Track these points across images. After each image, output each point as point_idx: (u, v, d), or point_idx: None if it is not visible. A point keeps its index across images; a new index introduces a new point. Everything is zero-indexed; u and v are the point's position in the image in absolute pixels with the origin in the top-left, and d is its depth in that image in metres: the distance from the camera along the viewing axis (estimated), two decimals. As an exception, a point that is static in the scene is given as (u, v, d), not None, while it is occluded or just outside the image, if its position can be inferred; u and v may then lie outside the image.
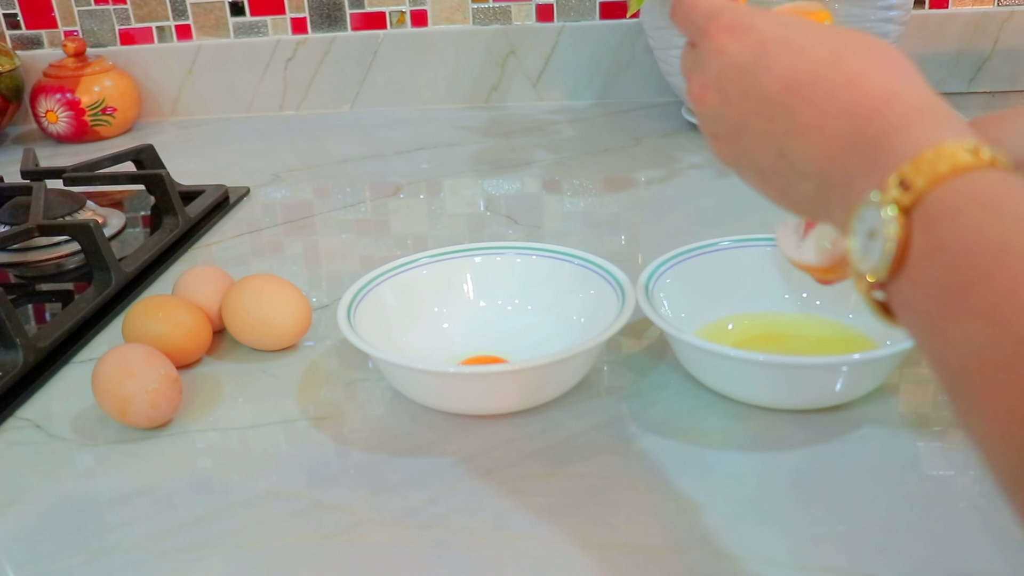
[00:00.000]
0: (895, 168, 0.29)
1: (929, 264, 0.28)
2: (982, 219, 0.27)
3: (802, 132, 0.34)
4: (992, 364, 0.25)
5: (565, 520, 0.44)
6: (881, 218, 0.29)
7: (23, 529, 0.46)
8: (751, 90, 0.36)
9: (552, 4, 1.13)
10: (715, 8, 0.39)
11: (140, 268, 0.72)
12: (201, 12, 1.16)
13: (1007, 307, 0.25)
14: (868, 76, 0.34)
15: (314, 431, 0.53)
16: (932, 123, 0.31)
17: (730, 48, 0.37)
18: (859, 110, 0.33)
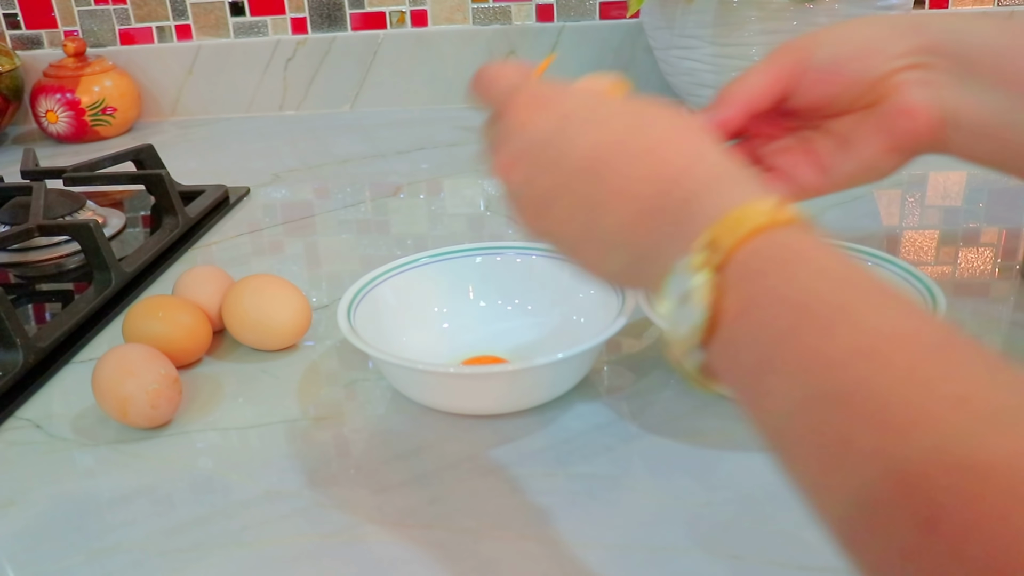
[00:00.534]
0: (702, 231, 0.30)
1: (741, 324, 0.28)
2: (787, 277, 0.28)
3: (609, 202, 0.34)
4: (805, 421, 0.26)
5: (565, 520, 0.44)
6: (692, 282, 0.29)
7: (23, 529, 0.46)
8: (557, 162, 0.36)
9: (552, 4, 1.13)
10: (516, 83, 0.39)
11: (140, 268, 0.72)
12: (201, 12, 1.16)
13: (813, 364, 0.26)
14: (670, 144, 0.34)
15: (314, 431, 0.53)
16: (734, 185, 0.32)
17: (533, 121, 0.37)
18: (663, 176, 0.33)
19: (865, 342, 0.25)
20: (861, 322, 0.26)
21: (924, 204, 0.82)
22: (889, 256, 0.56)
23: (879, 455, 0.23)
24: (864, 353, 0.25)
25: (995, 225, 0.75)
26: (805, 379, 0.26)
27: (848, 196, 0.81)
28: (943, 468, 0.22)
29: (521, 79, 0.40)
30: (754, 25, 0.86)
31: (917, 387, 0.24)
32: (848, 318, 0.26)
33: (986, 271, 0.68)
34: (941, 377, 0.24)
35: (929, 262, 0.70)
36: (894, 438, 0.23)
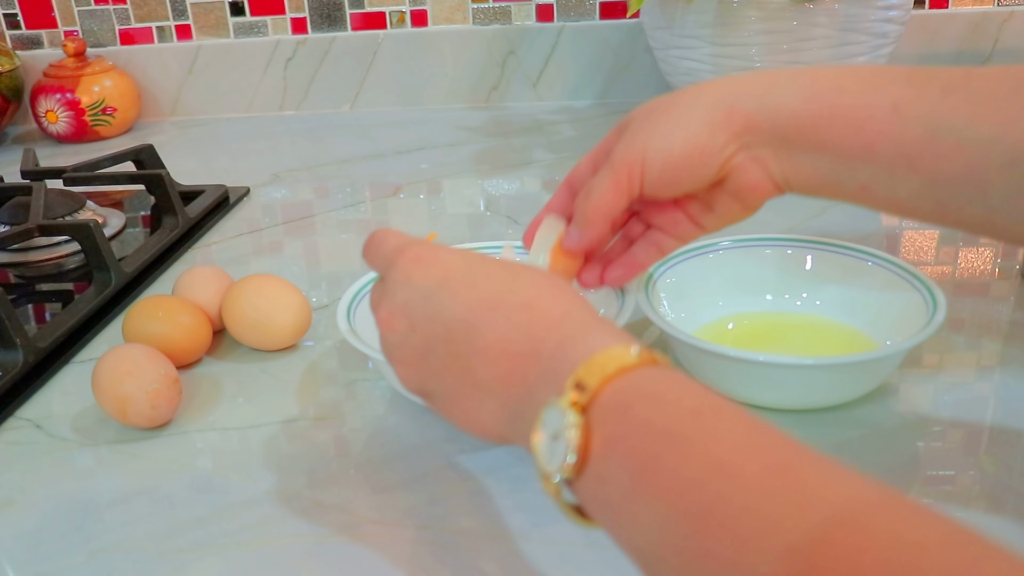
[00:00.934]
0: (571, 372, 0.32)
1: (608, 457, 0.30)
2: (649, 410, 0.30)
3: (485, 351, 0.36)
4: (671, 543, 0.27)
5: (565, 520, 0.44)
6: (563, 420, 0.31)
7: (23, 529, 0.46)
8: (436, 314, 0.38)
9: (552, 4, 1.13)
10: (402, 242, 0.42)
11: (140, 268, 0.72)
12: (201, 12, 1.16)
13: (675, 486, 0.28)
14: (542, 299, 0.37)
15: (314, 431, 0.53)
16: (599, 333, 0.34)
17: (416, 276, 0.40)
18: (536, 328, 0.36)
19: (718, 459, 0.27)
20: (715, 442, 0.28)
21: (924, 204, 0.81)
22: (889, 256, 0.56)
23: (737, 566, 0.25)
24: (717, 469, 0.27)
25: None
26: (670, 502, 0.28)
27: (848, 196, 0.81)
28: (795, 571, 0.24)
29: (408, 239, 0.42)
30: (754, 25, 0.86)
31: (764, 499, 0.26)
32: (703, 440, 0.28)
33: (986, 271, 0.68)
34: (782, 488, 0.26)
35: (929, 262, 0.70)
36: (748, 547, 0.25)
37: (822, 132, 0.43)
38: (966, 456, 0.48)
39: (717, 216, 0.50)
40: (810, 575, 0.23)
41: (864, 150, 0.42)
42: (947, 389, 0.53)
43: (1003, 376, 0.54)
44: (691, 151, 0.45)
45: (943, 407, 0.52)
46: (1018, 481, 0.46)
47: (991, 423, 0.50)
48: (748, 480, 0.27)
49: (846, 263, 0.58)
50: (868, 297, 0.56)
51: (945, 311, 0.50)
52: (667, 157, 0.46)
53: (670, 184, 0.47)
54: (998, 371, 0.55)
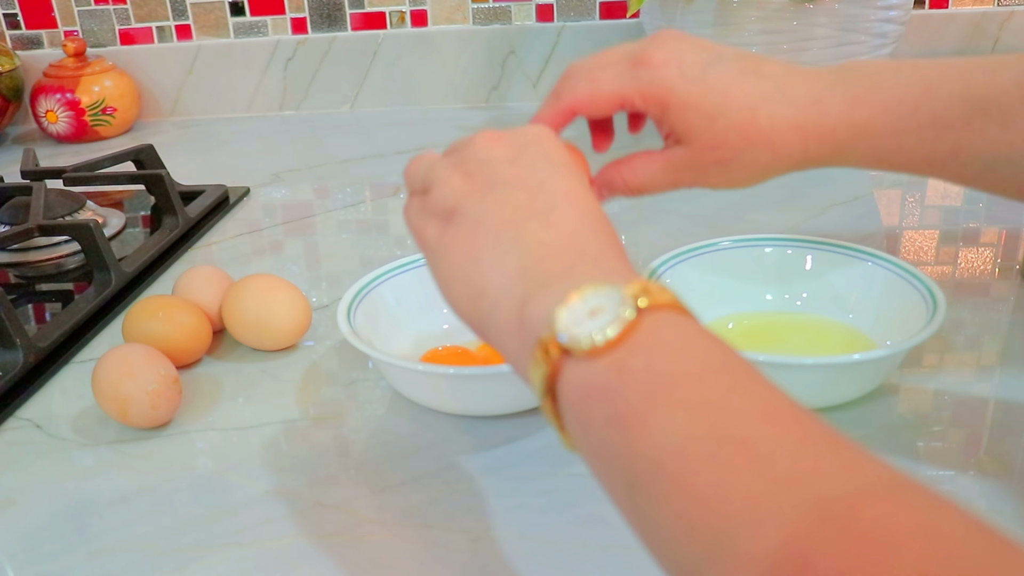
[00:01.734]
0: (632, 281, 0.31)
1: (647, 353, 0.29)
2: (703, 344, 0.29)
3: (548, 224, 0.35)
4: (690, 457, 0.26)
5: (565, 520, 0.44)
6: (617, 299, 0.30)
7: (23, 529, 0.46)
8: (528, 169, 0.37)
9: (552, 4, 1.13)
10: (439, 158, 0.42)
11: (140, 268, 0.72)
12: (201, 12, 1.16)
13: (716, 407, 0.26)
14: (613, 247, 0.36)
15: (314, 431, 0.53)
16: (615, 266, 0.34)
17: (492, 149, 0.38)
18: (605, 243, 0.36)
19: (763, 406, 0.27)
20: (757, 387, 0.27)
21: (924, 204, 0.82)
22: (889, 256, 0.56)
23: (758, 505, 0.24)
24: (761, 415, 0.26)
25: (995, 225, 0.75)
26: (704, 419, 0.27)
27: (848, 196, 0.81)
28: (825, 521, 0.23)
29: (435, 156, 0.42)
30: (754, 25, 0.86)
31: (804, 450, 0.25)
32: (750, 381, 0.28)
33: (986, 271, 0.68)
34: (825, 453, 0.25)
35: (929, 262, 0.70)
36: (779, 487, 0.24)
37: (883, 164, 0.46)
38: (966, 456, 0.48)
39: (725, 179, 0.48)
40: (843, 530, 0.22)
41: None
42: (947, 389, 0.53)
43: (1003, 376, 0.54)
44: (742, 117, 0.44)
45: (943, 407, 0.52)
46: (1018, 481, 0.46)
47: (991, 423, 0.50)
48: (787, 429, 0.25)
49: (846, 263, 0.58)
50: (868, 297, 0.56)
51: (945, 311, 0.50)
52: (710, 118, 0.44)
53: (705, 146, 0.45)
54: (998, 371, 0.55)
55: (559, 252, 0.34)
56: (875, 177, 0.86)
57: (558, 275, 0.33)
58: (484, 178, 0.37)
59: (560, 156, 0.38)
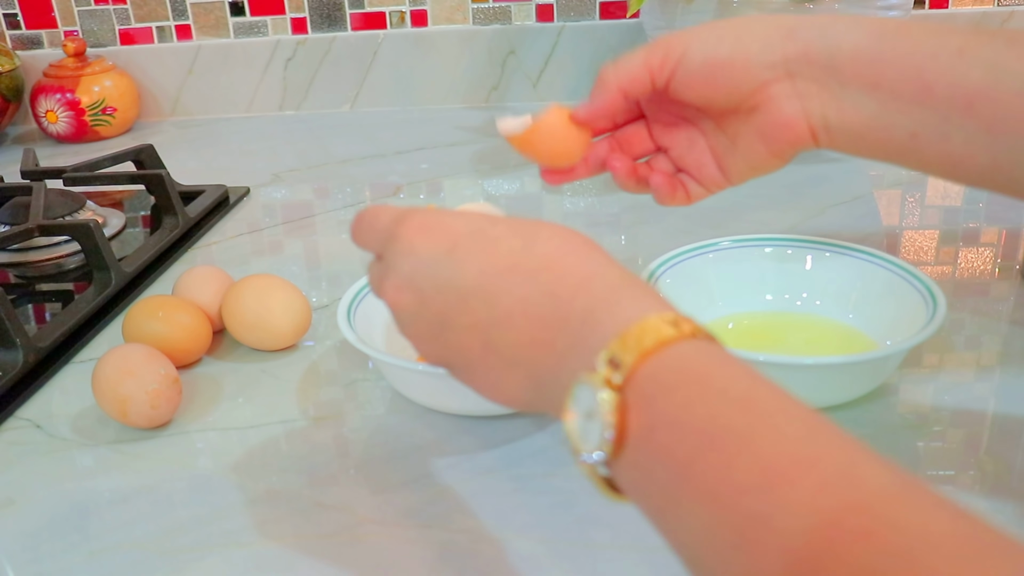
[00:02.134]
0: (604, 346, 0.30)
1: (647, 446, 0.28)
2: (692, 397, 0.28)
3: (507, 319, 0.34)
4: (719, 549, 0.25)
5: (565, 520, 0.44)
6: (597, 399, 0.29)
7: (23, 529, 0.46)
8: (448, 284, 0.36)
9: (552, 4, 1.13)
10: (399, 214, 0.39)
11: (140, 268, 0.72)
12: (201, 12, 1.16)
13: (723, 492, 0.25)
14: (564, 258, 0.34)
15: (314, 431, 0.53)
16: (633, 299, 0.32)
17: (421, 246, 0.37)
18: (561, 290, 0.33)
19: (767, 471, 0.25)
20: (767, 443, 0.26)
21: (924, 204, 0.82)
22: (889, 256, 0.56)
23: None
24: (770, 478, 0.25)
25: (995, 225, 0.75)
26: (717, 507, 0.26)
27: (848, 196, 0.81)
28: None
29: (405, 208, 0.39)
30: (754, 25, 0.85)
31: (820, 519, 0.23)
32: (754, 439, 0.26)
33: (986, 271, 0.68)
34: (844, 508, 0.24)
35: (929, 262, 0.70)
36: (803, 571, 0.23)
37: (881, 69, 0.42)
38: (966, 456, 0.48)
39: (741, 157, 0.48)
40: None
41: (921, 91, 0.41)
42: (947, 389, 0.53)
43: (1003, 376, 0.54)
44: (737, 57, 0.44)
45: (943, 407, 0.52)
46: (1018, 481, 0.46)
47: (991, 423, 0.50)
48: (797, 497, 0.24)
49: (846, 263, 0.58)
50: (868, 297, 0.56)
51: (945, 311, 0.50)
52: (711, 54, 0.44)
53: (701, 84, 0.45)
54: (998, 371, 0.55)
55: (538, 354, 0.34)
56: (875, 177, 0.86)
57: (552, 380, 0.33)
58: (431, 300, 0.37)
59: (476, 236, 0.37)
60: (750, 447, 0.26)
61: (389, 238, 0.39)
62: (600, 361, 0.30)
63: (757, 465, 0.25)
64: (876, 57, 0.42)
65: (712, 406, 0.27)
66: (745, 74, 0.44)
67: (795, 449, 0.25)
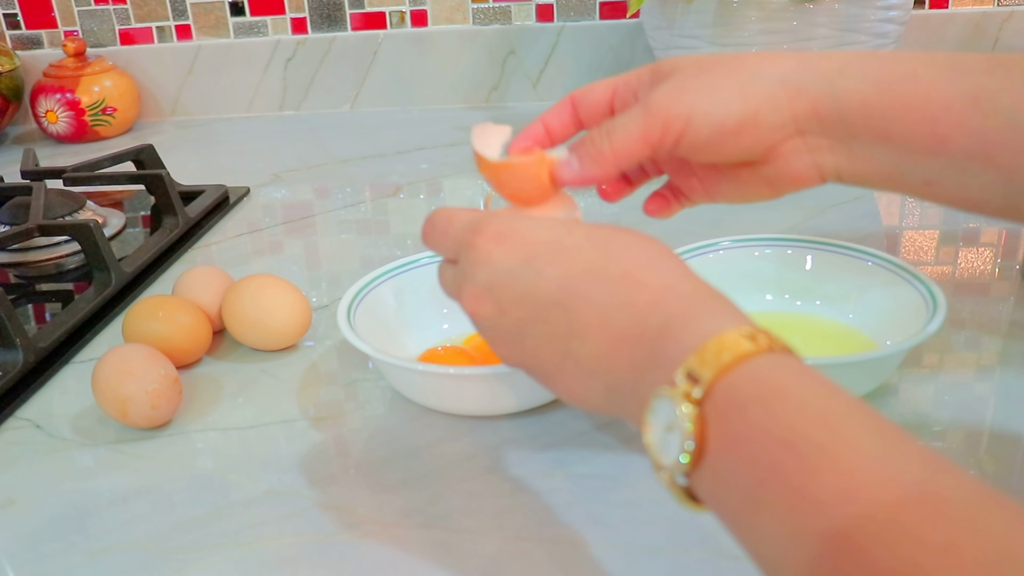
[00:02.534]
0: (682, 360, 0.30)
1: (726, 459, 0.28)
2: (770, 411, 0.28)
3: (585, 332, 0.35)
4: (800, 560, 0.26)
5: (565, 520, 0.44)
6: (675, 413, 0.30)
7: (23, 529, 0.46)
8: (527, 295, 0.36)
9: (552, 4, 1.13)
10: (474, 219, 0.39)
11: (140, 268, 0.72)
12: (201, 12, 1.16)
13: (802, 506, 0.26)
14: (642, 270, 0.34)
15: (314, 431, 0.53)
16: (710, 312, 0.32)
17: (499, 256, 0.37)
18: (638, 303, 0.33)
19: (847, 485, 0.25)
20: (846, 458, 0.26)
21: (924, 204, 0.82)
22: (889, 256, 0.56)
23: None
24: (848, 498, 0.25)
25: (995, 225, 0.75)
26: (794, 518, 0.26)
27: (848, 196, 0.81)
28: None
29: (480, 214, 0.39)
30: (754, 25, 0.86)
31: (902, 535, 0.24)
32: (832, 454, 0.26)
33: (986, 271, 0.68)
34: (926, 524, 0.24)
35: (929, 262, 0.70)
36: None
37: (893, 123, 0.41)
38: (966, 456, 0.48)
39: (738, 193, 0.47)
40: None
41: (936, 143, 0.40)
42: (947, 389, 0.53)
43: (1003, 376, 0.54)
44: (746, 124, 0.42)
45: (943, 407, 0.52)
46: (1018, 481, 0.46)
47: (991, 423, 0.50)
48: (880, 515, 0.24)
49: (846, 263, 0.58)
50: (868, 297, 0.56)
51: (945, 311, 0.50)
52: (720, 124, 0.42)
53: (710, 152, 0.43)
54: (998, 371, 0.55)
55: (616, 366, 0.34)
56: (875, 177, 0.86)
57: (630, 392, 0.33)
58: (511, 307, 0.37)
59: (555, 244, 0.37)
60: (830, 460, 0.26)
61: (464, 245, 0.39)
62: (679, 376, 0.30)
63: (838, 478, 0.25)
64: (886, 111, 0.41)
65: (792, 419, 0.28)
66: (754, 140, 0.43)
67: (874, 463, 0.26)
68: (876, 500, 0.25)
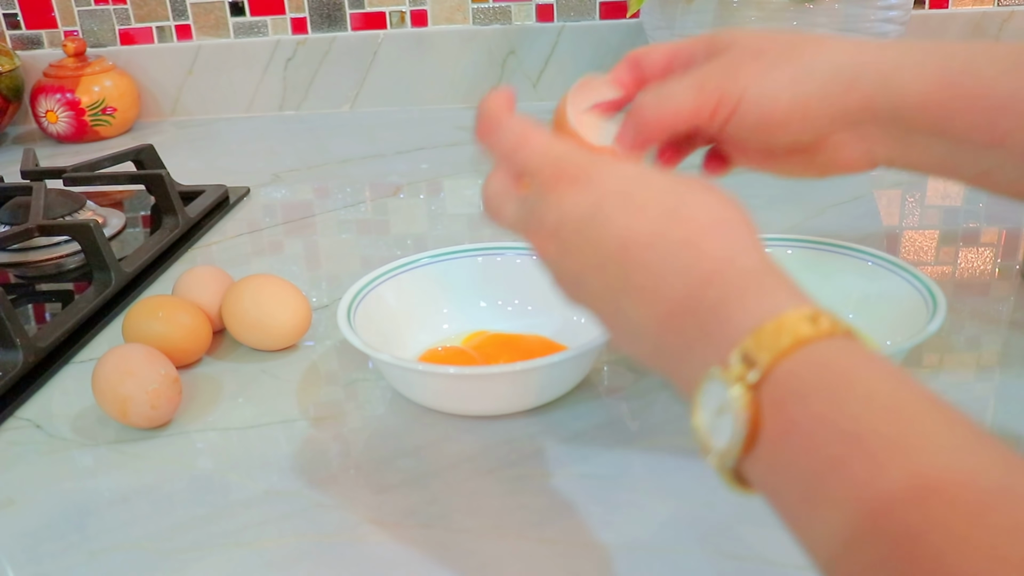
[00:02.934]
0: (737, 341, 0.29)
1: (782, 448, 0.27)
2: (833, 400, 0.26)
3: (637, 293, 0.33)
4: (864, 559, 0.24)
5: (565, 520, 0.44)
6: (728, 396, 0.28)
7: (23, 529, 0.46)
8: (588, 245, 0.35)
9: (552, 4, 1.13)
10: (549, 153, 0.38)
11: (140, 268, 0.72)
12: (201, 12, 1.16)
13: (867, 501, 0.24)
14: (705, 237, 0.33)
15: (314, 431, 0.53)
16: (769, 290, 0.31)
17: (568, 201, 0.36)
18: (694, 273, 0.32)
19: (920, 483, 0.24)
20: (915, 459, 0.24)
21: (924, 204, 0.82)
22: (889, 256, 0.56)
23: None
24: (919, 497, 0.23)
25: (995, 225, 0.75)
26: (857, 516, 0.24)
27: (848, 196, 0.81)
28: None
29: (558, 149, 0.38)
30: (754, 25, 0.86)
31: (980, 540, 0.22)
32: (900, 453, 0.25)
33: (986, 271, 0.68)
34: (1004, 529, 0.22)
35: (929, 262, 0.70)
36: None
37: (951, 118, 0.40)
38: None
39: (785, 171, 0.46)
40: None
41: (994, 140, 0.39)
42: (947, 389, 0.53)
43: (1003, 376, 0.54)
44: (795, 115, 0.41)
45: (943, 407, 0.52)
46: (1018, 481, 0.46)
47: (991, 423, 0.50)
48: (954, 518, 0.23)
49: (846, 263, 0.58)
50: (868, 297, 0.56)
51: (945, 311, 0.50)
52: (768, 112, 0.41)
53: (757, 136, 0.42)
54: (998, 371, 0.55)
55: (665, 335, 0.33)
56: (875, 177, 0.86)
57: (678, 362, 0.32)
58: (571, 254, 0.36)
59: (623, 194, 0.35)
60: (901, 455, 0.24)
61: (538, 180, 0.37)
62: (734, 357, 0.29)
63: (909, 475, 0.24)
64: (944, 108, 0.40)
65: (858, 410, 0.26)
66: (802, 130, 0.42)
67: (949, 460, 0.24)
68: (951, 500, 0.23)
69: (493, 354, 0.57)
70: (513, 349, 0.57)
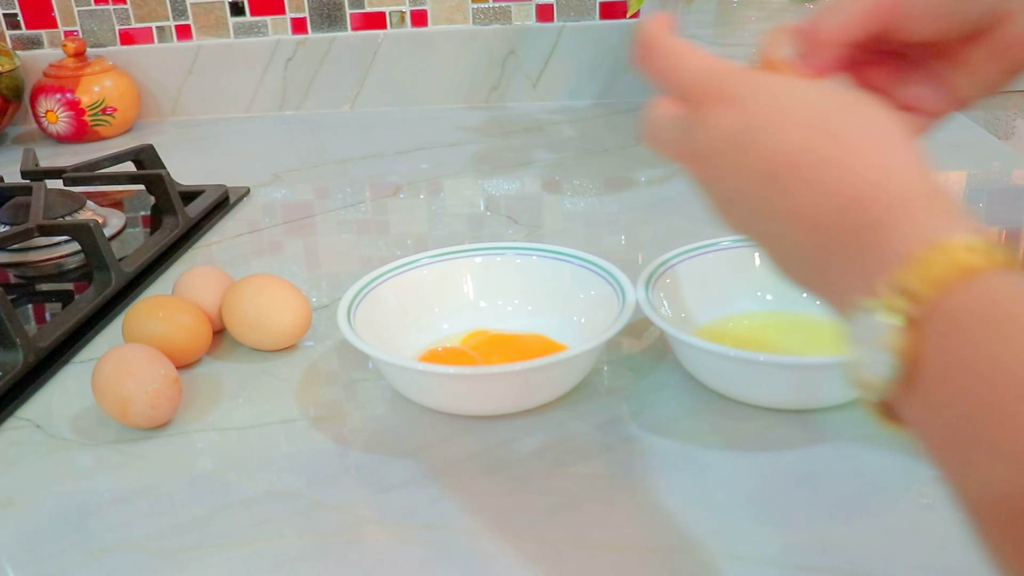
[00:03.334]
0: (893, 268, 0.27)
1: (943, 389, 0.25)
2: (1000, 340, 0.24)
3: (785, 217, 0.32)
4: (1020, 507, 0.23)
5: (565, 520, 0.44)
6: (887, 330, 0.26)
7: (23, 529, 0.46)
8: (736, 166, 0.34)
9: (552, 4, 1.13)
10: (702, 72, 0.36)
11: (140, 268, 0.72)
12: (201, 12, 1.16)
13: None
14: (857, 155, 0.31)
15: (314, 431, 0.53)
16: (930, 213, 0.28)
17: (714, 122, 0.35)
18: (848, 193, 0.30)
19: None
20: None
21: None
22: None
23: None
24: None
25: (995, 225, 0.75)
26: (1019, 467, 0.23)
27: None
28: None
29: (707, 68, 0.36)
30: (754, 25, 0.86)
31: None
32: None
33: (986, 271, 0.68)
34: None
35: (929, 262, 0.70)
36: None
37: None
38: (966, 456, 0.48)
39: (968, 82, 0.41)
40: None
41: None
42: (947, 389, 0.53)
43: (1003, 376, 0.54)
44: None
45: (943, 407, 0.52)
46: (1018, 481, 0.46)
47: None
48: None
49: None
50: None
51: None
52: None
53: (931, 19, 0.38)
54: (998, 371, 0.55)
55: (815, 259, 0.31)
56: (875, 177, 0.86)
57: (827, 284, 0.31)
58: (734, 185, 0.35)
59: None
60: None
61: (689, 99, 0.36)
62: (892, 288, 0.27)
63: None
64: None
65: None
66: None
67: None
68: None
69: (493, 354, 0.57)
70: (513, 349, 0.57)
